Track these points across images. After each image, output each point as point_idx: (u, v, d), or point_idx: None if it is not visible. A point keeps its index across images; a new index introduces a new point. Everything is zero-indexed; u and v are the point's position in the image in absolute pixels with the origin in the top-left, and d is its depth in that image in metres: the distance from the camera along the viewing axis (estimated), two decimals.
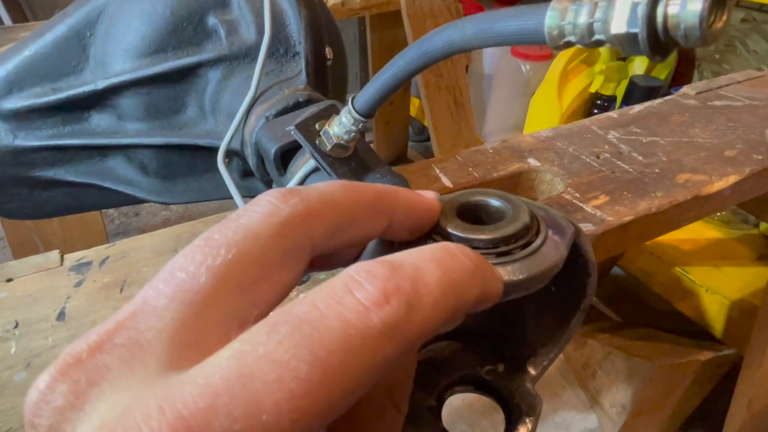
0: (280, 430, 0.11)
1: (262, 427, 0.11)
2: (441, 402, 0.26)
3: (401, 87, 0.20)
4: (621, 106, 1.14)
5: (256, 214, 0.14)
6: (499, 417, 0.26)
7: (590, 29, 0.13)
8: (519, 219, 0.18)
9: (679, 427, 1.08)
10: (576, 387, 1.13)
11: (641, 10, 0.12)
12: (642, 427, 1.03)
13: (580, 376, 1.13)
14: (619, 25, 0.13)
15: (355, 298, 0.12)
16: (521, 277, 0.17)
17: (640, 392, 0.97)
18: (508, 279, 0.16)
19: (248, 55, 0.41)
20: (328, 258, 0.19)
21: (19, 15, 1.71)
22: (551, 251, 0.18)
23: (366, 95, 0.22)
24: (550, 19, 0.14)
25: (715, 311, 0.91)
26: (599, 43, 0.14)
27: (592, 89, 1.16)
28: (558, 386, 1.14)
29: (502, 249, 0.17)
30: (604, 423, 1.06)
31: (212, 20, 0.41)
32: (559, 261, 0.18)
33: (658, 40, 0.12)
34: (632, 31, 0.12)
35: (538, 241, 0.18)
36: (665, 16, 0.12)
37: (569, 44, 0.14)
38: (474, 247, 0.17)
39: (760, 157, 0.44)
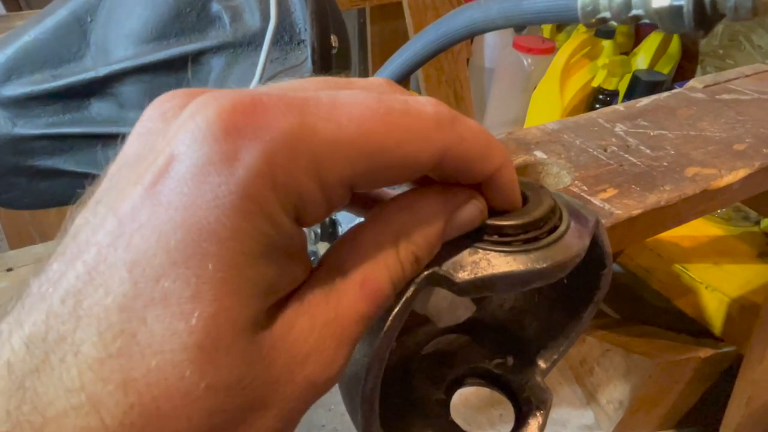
0: None
1: None
2: (450, 395, 0.25)
3: (417, 69, 0.20)
4: (623, 101, 1.14)
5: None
6: (496, 413, 0.26)
7: (628, 4, 0.12)
8: (543, 202, 0.18)
9: (676, 423, 1.08)
10: (573, 383, 1.13)
11: None
12: (639, 423, 1.04)
13: (578, 372, 1.13)
14: None
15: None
16: (544, 265, 0.16)
17: (638, 389, 0.97)
18: (531, 267, 0.16)
19: (252, 42, 0.40)
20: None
21: (14, 4, 1.70)
22: (574, 240, 0.17)
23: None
24: None
25: (714, 308, 0.91)
26: (636, 19, 0.13)
27: (595, 83, 1.15)
28: (555, 382, 1.14)
29: (531, 234, 0.17)
30: (601, 419, 1.07)
31: (216, 6, 0.41)
32: (581, 250, 0.17)
33: (704, 13, 0.12)
34: (676, 3, 0.12)
35: (561, 229, 0.17)
36: None
37: (603, 21, 0.14)
38: (504, 234, 0.17)
39: None
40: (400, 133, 0.15)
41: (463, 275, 0.16)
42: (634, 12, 0.12)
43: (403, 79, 0.21)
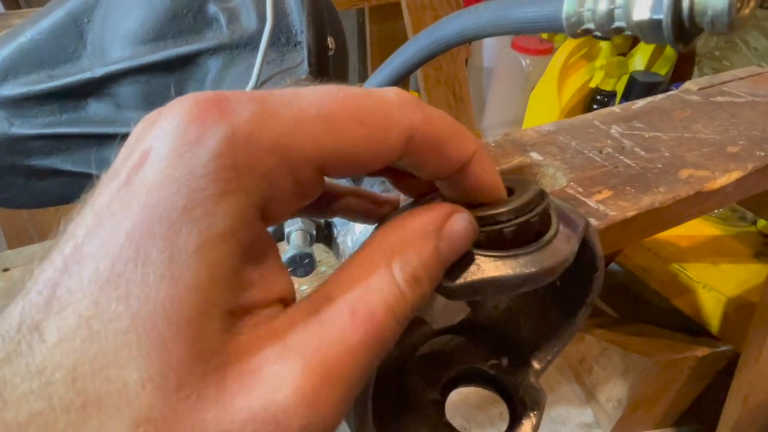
0: None
1: None
2: (445, 395, 0.26)
3: (410, 74, 0.20)
4: (621, 102, 1.14)
5: None
6: (495, 411, 0.26)
7: (610, 16, 0.13)
8: (529, 189, 0.18)
9: (675, 422, 1.08)
10: (572, 382, 1.14)
11: None
12: (638, 421, 1.04)
13: (577, 371, 1.13)
14: (641, 12, 0.12)
15: None
16: (533, 270, 0.16)
17: (637, 387, 0.97)
18: (520, 272, 0.16)
19: (249, 43, 0.41)
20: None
21: (13, 2, 1.70)
22: (563, 244, 0.17)
23: (375, 83, 0.22)
24: (568, 6, 0.14)
25: (711, 308, 0.91)
26: (619, 31, 0.13)
27: (592, 84, 1.15)
28: (554, 381, 1.14)
29: (523, 218, 0.17)
30: (600, 418, 1.07)
31: (213, 8, 0.41)
32: (570, 254, 0.17)
33: (682, 27, 0.12)
34: (656, 17, 0.12)
35: (550, 234, 0.17)
36: (691, 2, 0.12)
37: (587, 32, 0.14)
38: (497, 222, 0.17)
39: (762, 154, 0.44)
40: (362, 113, 0.15)
41: (453, 280, 0.16)
42: (616, 24, 0.12)
43: (397, 83, 0.21)
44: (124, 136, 0.16)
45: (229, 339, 0.13)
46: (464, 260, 0.17)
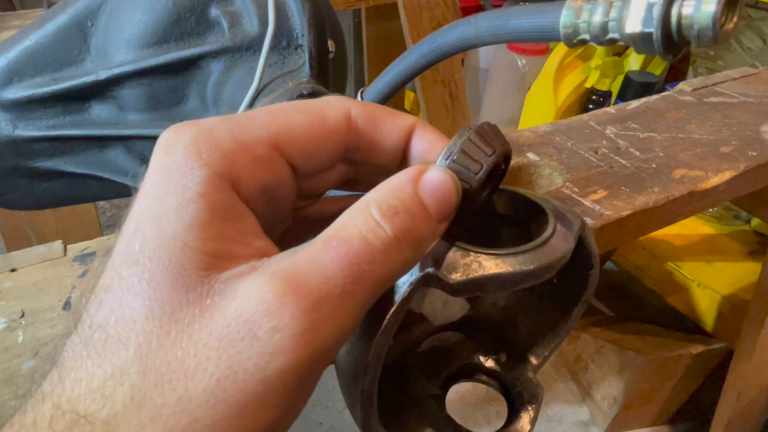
0: None
1: None
2: (445, 390, 0.26)
3: (411, 81, 0.21)
4: (616, 102, 1.15)
5: None
6: (492, 410, 0.27)
7: (604, 28, 0.13)
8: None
9: (670, 419, 1.09)
10: (568, 380, 1.15)
11: (656, 11, 0.13)
12: (633, 419, 1.05)
13: (573, 369, 1.14)
14: (633, 25, 0.13)
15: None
16: (531, 267, 0.17)
17: (632, 385, 0.98)
18: (519, 269, 0.17)
19: (251, 47, 0.41)
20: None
21: (7, 3, 1.70)
22: (560, 243, 0.18)
23: (377, 89, 0.22)
24: (565, 18, 0.14)
25: (706, 306, 0.92)
26: (612, 42, 0.14)
27: (588, 84, 1.16)
28: (551, 379, 1.15)
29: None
30: (596, 415, 1.08)
31: (215, 11, 0.41)
32: (567, 252, 0.18)
33: (671, 39, 0.13)
34: (647, 30, 0.13)
35: (547, 233, 0.18)
36: (679, 17, 0.13)
37: (583, 42, 0.15)
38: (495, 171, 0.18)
39: (754, 154, 0.44)
40: (302, 106, 0.19)
41: (455, 276, 0.17)
42: (610, 35, 0.13)
43: (398, 90, 0.22)
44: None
45: (211, 275, 0.15)
46: (466, 258, 0.17)
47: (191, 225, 0.16)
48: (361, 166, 0.21)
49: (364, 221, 0.16)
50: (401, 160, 0.21)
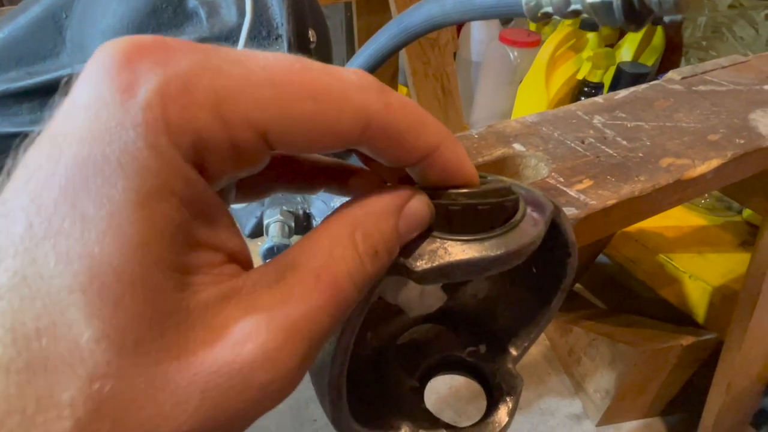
0: None
1: None
2: (423, 383, 0.26)
3: (383, 64, 0.20)
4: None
5: None
6: (485, 403, 0.26)
7: None
8: (498, 181, 0.18)
9: (661, 411, 1.09)
10: (561, 373, 1.15)
11: None
12: (625, 410, 1.05)
13: (565, 362, 1.14)
14: None
15: None
16: (499, 252, 0.17)
17: (624, 377, 0.98)
18: (485, 254, 0.16)
19: (230, 37, 0.40)
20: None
21: None
22: (529, 227, 0.18)
23: None
24: None
25: (697, 297, 0.92)
26: (576, 14, 0.14)
27: (580, 76, 1.16)
28: (543, 373, 1.15)
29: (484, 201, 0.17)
30: (589, 408, 1.08)
31: (192, 2, 0.40)
32: (537, 238, 0.18)
33: (632, 8, 0.12)
34: None
35: (516, 217, 0.18)
36: None
37: (547, 15, 0.14)
38: (456, 203, 0.17)
39: (742, 142, 0.44)
40: (316, 89, 0.14)
41: (421, 264, 0.17)
42: (572, 7, 0.13)
43: (372, 72, 0.21)
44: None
45: (187, 297, 0.13)
46: (432, 244, 0.17)
47: (162, 231, 0.12)
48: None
49: (351, 258, 0.15)
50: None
